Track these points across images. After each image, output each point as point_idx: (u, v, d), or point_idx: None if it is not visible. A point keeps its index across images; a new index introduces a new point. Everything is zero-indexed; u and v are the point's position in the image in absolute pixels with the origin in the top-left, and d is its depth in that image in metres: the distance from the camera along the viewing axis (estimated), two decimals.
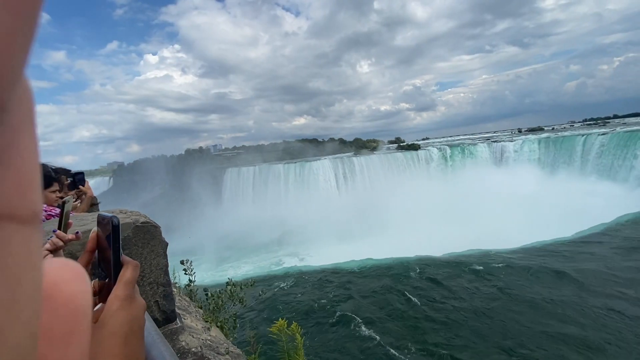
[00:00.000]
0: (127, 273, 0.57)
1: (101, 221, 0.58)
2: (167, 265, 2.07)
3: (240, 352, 3.36)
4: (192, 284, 4.56)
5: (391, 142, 65.43)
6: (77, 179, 3.24)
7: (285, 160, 46.57)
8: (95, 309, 0.54)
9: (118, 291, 0.55)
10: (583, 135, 33.28)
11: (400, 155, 40.37)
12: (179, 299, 4.26)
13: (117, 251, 0.56)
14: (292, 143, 58.99)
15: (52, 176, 2.91)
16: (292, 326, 2.70)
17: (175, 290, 4.61)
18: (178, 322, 2.12)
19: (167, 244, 2.15)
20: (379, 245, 20.63)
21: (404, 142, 61.79)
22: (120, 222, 0.59)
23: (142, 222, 1.94)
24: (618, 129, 34.84)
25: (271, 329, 2.95)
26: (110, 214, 0.57)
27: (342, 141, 65.01)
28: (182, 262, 4.43)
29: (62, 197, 3.23)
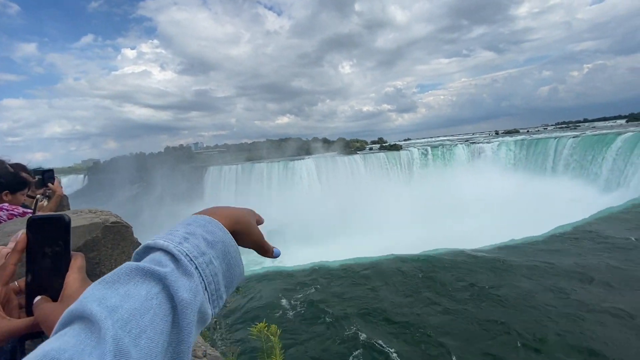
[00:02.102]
0: (78, 261, 0.65)
1: (38, 221, 0.64)
2: None
3: (219, 355, 3.29)
4: None
5: (374, 143, 66.11)
6: (45, 177, 3.08)
7: (269, 159, 46.22)
8: (36, 300, 0.61)
9: (75, 274, 0.63)
10: (556, 138, 34.84)
11: (382, 155, 40.88)
12: None
13: (69, 246, 0.64)
14: (275, 142, 58.56)
15: (26, 181, 2.78)
16: (271, 328, 2.66)
17: None
18: None
19: (139, 245, 2.05)
20: (362, 244, 20.81)
21: (386, 142, 62.53)
22: (89, 223, 0.68)
23: (112, 222, 1.85)
24: (588, 132, 36.71)
25: (250, 331, 2.90)
26: (60, 213, 0.64)
27: (325, 141, 65.08)
28: None
29: (31, 196, 3.06)
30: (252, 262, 24.48)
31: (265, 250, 0.72)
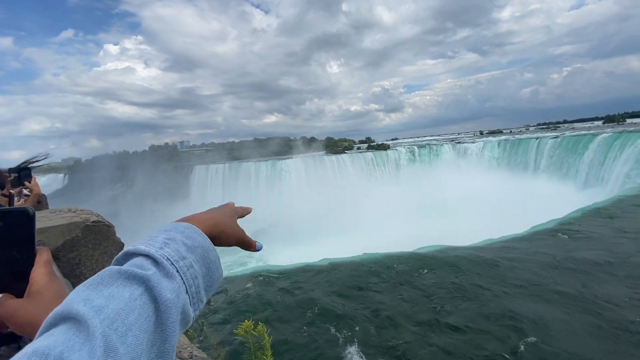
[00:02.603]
0: (44, 255, 0.64)
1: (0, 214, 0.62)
2: None
3: (205, 356, 3.23)
4: None
5: (362, 142, 66.51)
6: (22, 175, 2.96)
7: (256, 158, 45.84)
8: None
9: (41, 269, 0.62)
10: (537, 138, 35.92)
11: (370, 154, 41.16)
12: None
13: (33, 240, 0.63)
14: (263, 141, 58.14)
15: (1, 180, 2.66)
16: (258, 327, 2.63)
17: None
18: None
19: (122, 245, 2.00)
20: (350, 243, 20.90)
21: (374, 142, 62.98)
22: (69, 222, 0.67)
23: (93, 222, 1.79)
24: (567, 133, 38.03)
25: (237, 331, 2.86)
26: (24, 206, 0.62)
27: (313, 140, 65.01)
28: None
29: (6, 195, 2.93)
30: (236, 262, 24.30)
31: (248, 245, 0.76)
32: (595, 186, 27.05)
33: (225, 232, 0.69)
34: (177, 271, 0.50)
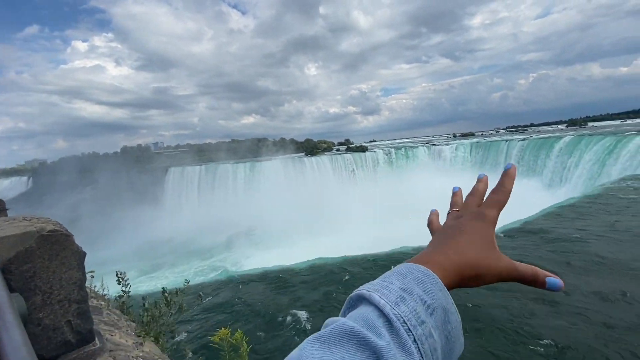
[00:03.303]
0: None
1: None
2: (82, 279, 1.80)
3: None
4: (125, 296, 4.15)
5: (341, 144, 66.98)
6: None
7: (234, 160, 45.06)
8: None
9: None
10: (506, 141, 37.71)
11: (349, 156, 41.54)
12: (108, 314, 3.82)
13: None
14: (241, 142, 57.27)
15: None
16: (235, 334, 2.56)
17: (103, 304, 4.13)
18: (97, 342, 1.87)
19: (84, 254, 1.88)
20: (329, 245, 20.97)
21: (352, 143, 63.57)
22: (22, 232, 0.68)
23: (49, 231, 1.67)
24: (534, 135, 40.22)
25: (213, 339, 2.77)
26: None
27: (293, 141, 64.77)
28: (117, 274, 4.04)
29: None
30: (209, 267, 23.78)
31: (531, 280, 0.52)
32: (560, 186, 28.75)
33: (482, 275, 0.50)
34: (414, 341, 0.40)
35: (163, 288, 3.96)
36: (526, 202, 25.21)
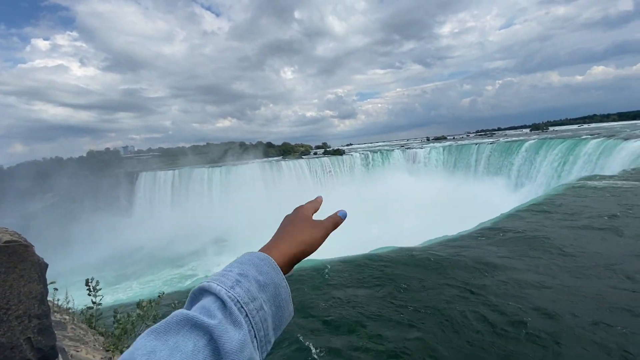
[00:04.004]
0: None
1: None
2: (44, 292, 1.68)
3: None
4: (93, 307, 3.91)
5: (318, 147, 67.24)
6: None
7: (209, 164, 44.00)
8: None
9: None
10: (476, 144, 39.44)
11: (326, 159, 41.78)
12: (73, 328, 3.59)
13: None
14: (216, 145, 56.08)
15: None
16: None
17: (67, 318, 3.87)
18: (60, 359, 1.75)
19: (45, 266, 1.76)
20: None
21: (330, 147, 64.04)
22: None
23: (5, 242, 1.55)
24: (501, 139, 42.40)
25: None
26: None
27: (270, 145, 64.23)
28: (87, 283, 3.78)
29: None
30: (182, 275, 23.01)
31: (336, 226, 0.80)
32: (525, 185, 30.50)
33: (309, 246, 0.68)
34: (247, 316, 0.48)
35: (139, 300, 3.79)
36: (497, 198, 26.80)
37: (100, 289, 3.87)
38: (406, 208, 29.77)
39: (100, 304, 3.90)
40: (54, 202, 40.86)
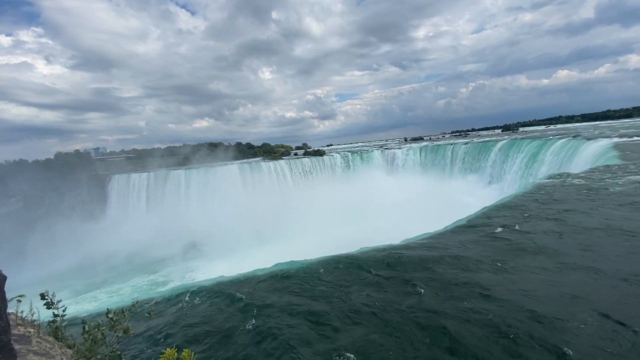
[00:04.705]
0: None
1: None
2: (2, 306, 1.58)
3: None
4: (57, 320, 3.69)
5: (298, 148, 67.03)
6: None
7: (187, 166, 42.86)
8: None
9: None
10: (451, 144, 40.68)
11: (307, 160, 41.75)
12: (38, 342, 3.39)
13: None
14: (194, 147, 54.69)
15: None
16: (183, 354, 2.39)
17: (32, 331, 3.65)
18: None
19: (4, 278, 1.65)
20: (287, 249, 20.76)
21: (310, 148, 64.03)
22: None
23: None
24: (475, 139, 43.95)
25: (160, 358, 2.57)
26: None
27: (249, 146, 63.42)
28: (42, 296, 3.55)
29: None
30: (154, 282, 22.29)
31: None
32: (497, 183, 31.80)
33: None
34: None
35: (107, 309, 3.62)
36: (471, 196, 27.94)
37: (59, 301, 3.65)
38: (386, 207, 30.25)
39: (64, 315, 3.69)
40: (17, 207, 38.39)
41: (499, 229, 11.65)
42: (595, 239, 9.89)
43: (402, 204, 30.17)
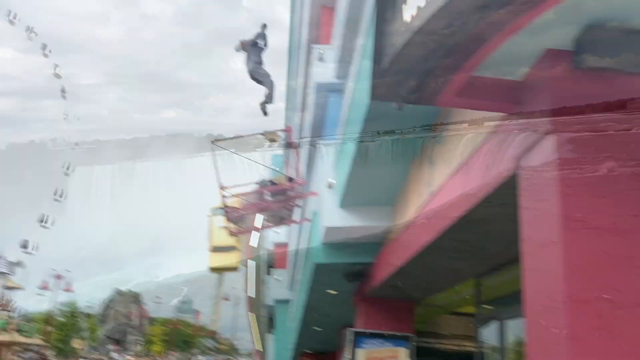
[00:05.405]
0: None
1: None
2: None
3: None
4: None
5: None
6: None
7: (154, 158, 41.26)
8: None
9: None
10: None
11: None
12: None
13: None
14: (162, 138, 52.58)
15: None
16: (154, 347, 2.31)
17: None
18: None
19: None
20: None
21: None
22: None
23: None
24: None
25: None
26: None
27: (220, 137, 62.25)
28: None
29: None
30: (114, 280, 21.23)
31: None
32: None
33: None
34: None
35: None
36: None
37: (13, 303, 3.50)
38: None
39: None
40: None
41: None
42: None
43: None
